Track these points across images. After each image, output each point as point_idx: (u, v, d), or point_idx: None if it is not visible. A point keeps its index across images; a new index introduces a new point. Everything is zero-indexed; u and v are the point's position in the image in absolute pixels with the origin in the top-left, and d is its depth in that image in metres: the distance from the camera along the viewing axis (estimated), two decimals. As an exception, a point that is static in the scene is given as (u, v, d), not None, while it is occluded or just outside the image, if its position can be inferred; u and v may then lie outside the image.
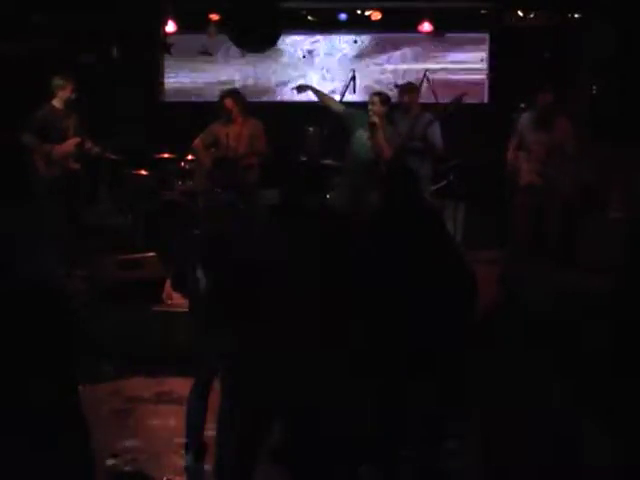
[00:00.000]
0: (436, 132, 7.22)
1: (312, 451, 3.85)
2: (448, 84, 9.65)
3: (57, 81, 7.09)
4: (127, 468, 4.43)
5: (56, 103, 7.11)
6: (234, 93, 7.61)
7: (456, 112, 7.19)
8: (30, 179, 3.73)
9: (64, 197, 7.02)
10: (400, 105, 7.41)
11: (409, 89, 7.43)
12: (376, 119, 6.98)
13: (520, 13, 9.02)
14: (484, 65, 9.96)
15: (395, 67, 10.04)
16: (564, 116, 7.19)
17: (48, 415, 3.22)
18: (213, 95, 9.88)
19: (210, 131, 7.53)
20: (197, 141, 7.56)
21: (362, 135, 7.09)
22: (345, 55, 10.13)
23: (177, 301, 4.99)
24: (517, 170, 7.20)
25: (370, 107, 7.04)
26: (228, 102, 7.41)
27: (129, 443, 4.78)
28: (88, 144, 7.18)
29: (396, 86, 7.64)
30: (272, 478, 4.23)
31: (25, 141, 6.85)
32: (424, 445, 4.06)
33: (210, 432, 4.46)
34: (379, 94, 7.25)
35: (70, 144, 7.09)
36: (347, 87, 7.73)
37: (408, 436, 4.06)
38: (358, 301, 3.96)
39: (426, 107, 7.47)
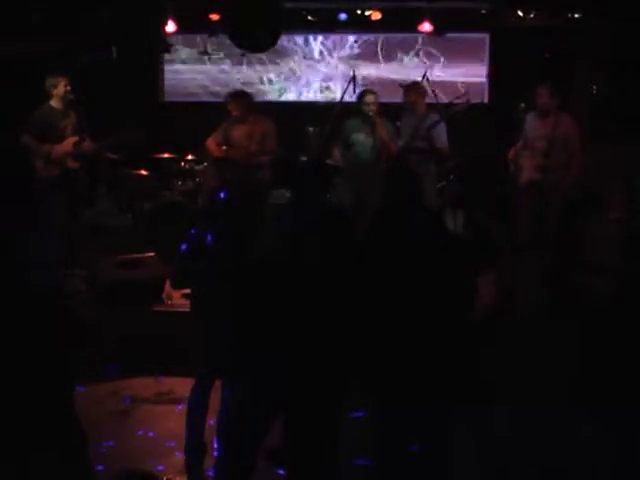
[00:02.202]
0: (441, 133, 7.22)
1: (309, 450, 3.85)
2: (448, 84, 9.67)
3: (49, 81, 7.09)
4: (127, 468, 4.43)
5: (53, 103, 7.10)
6: (236, 96, 7.64)
7: (463, 114, 7.21)
8: (31, 179, 3.73)
9: (64, 197, 7.02)
10: (406, 104, 7.44)
11: (415, 88, 7.45)
12: (377, 118, 7.01)
13: (520, 13, 9.01)
14: (484, 65, 9.97)
15: (395, 67, 10.05)
16: (566, 112, 7.17)
17: (43, 417, 3.21)
18: (213, 95, 9.93)
19: (222, 130, 7.55)
20: (210, 140, 7.59)
21: (359, 137, 7.14)
22: (345, 55, 10.14)
23: (177, 301, 4.98)
24: (518, 168, 7.17)
25: (368, 107, 7.07)
26: (231, 106, 7.46)
27: (129, 443, 4.79)
28: (85, 142, 7.17)
29: (401, 85, 7.65)
30: (271, 478, 4.24)
31: (24, 142, 6.85)
32: (426, 442, 4.06)
33: (210, 432, 4.47)
34: (372, 92, 7.30)
35: (69, 143, 7.09)
36: (347, 87, 7.74)
37: (411, 433, 4.06)
38: (359, 300, 3.96)
39: (426, 106, 7.49)
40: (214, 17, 9.07)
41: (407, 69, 9.91)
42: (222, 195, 4.38)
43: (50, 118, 7.07)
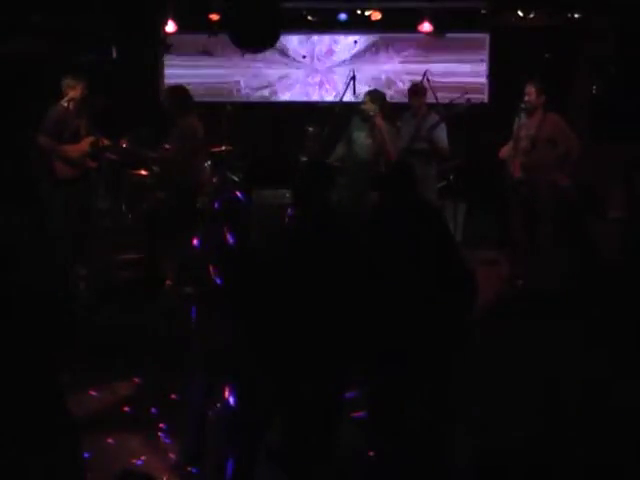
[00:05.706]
0: (442, 134, 7.24)
1: (307, 451, 3.86)
2: (448, 84, 9.67)
3: (68, 81, 7.06)
4: (127, 468, 4.42)
5: (66, 103, 7.07)
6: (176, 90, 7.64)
7: (464, 113, 7.21)
8: (33, 180, 3.73)
9: (80, 197, 7.04)
10: (410, 106, 7.46)
11: (417, 90, 7.47)
12: (379, 120, 7.01)
13: (520, 13, 9.01)
14: (484, 65, 9.97)
15: (395, 67, 10.05)
16: (561, 112, 7.17)
17: (38, 419, 3.21)
18: (213, 95, 9.93)
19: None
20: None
21: (359, 136, 7.14)
22: (345, 55, 10.14)
23: (177, 300, 4.98)
24: (508, 166, 7.16)
25: (369, 107, 7.07)
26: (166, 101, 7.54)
27: (129, 443, 4.79)
28: (103, 141, 7.20)
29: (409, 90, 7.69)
30: (270, 478, 4.24)
31: (41, 143, 6.84)
32: (426, 443, 4.07)
33: (210, 432, 4.47)
34: (377, 92, 7.30)
35: (86, 143, 7.11)
36: (347, 87, 7.75)
37: (408, 434, 4.06)
38: (358, 299, 3.97)
39: (427, 107, 7.50)
40: (214, 17, 9.08)
41: (407, 69, 9.90)
42: (225, 197, 4.39)
43: (65, 118, 7.05)
